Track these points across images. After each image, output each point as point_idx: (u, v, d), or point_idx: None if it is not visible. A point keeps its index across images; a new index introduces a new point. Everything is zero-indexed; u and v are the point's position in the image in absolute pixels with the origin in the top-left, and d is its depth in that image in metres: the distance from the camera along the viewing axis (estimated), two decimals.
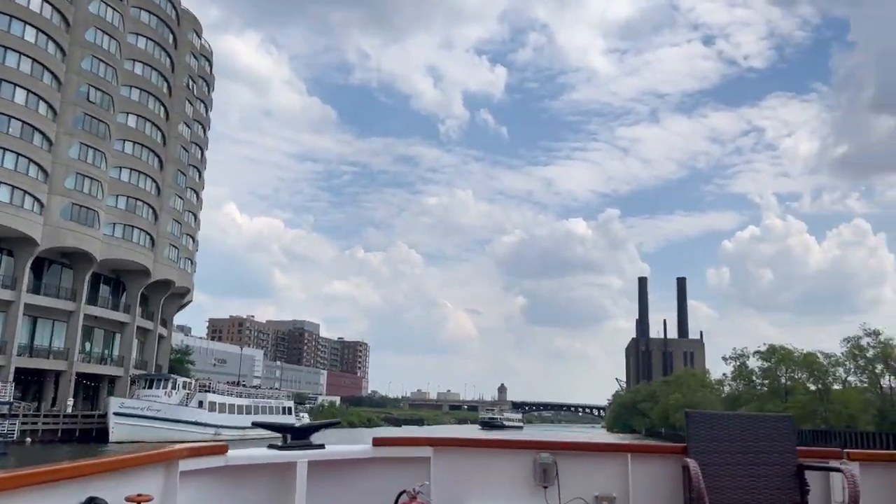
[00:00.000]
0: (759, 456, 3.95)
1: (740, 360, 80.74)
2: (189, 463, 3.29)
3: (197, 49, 79.73)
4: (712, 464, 3.89)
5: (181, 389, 63.32)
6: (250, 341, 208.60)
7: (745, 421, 4.10)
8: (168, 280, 72.40)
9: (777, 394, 71.83)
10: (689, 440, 3.98)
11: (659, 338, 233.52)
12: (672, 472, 4.07)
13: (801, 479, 3.93)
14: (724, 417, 4.11)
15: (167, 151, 71.68)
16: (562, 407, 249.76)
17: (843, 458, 4.06)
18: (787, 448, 3.99)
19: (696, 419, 4.06)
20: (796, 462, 3.97)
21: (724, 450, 3.95)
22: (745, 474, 3.91)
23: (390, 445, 4.09)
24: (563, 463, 4.08)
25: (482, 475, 4.12)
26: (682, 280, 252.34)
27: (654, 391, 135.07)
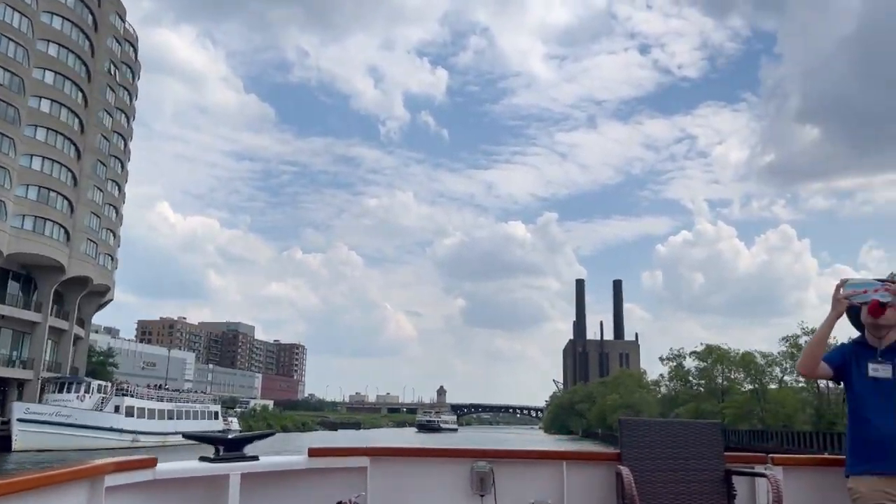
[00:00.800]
0: (689, 462, 4.01)
1: (677, 360, 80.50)
2: (115, 478, 3.06)
3: (120, 33, 75.01)
4: (644, 470, 3.92)
5: (95, 393, 58.95)
6: (182, 343, 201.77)
7: (675, 428, 4.10)
8: (85, 277, 67.62)
9: (714, 394, 71.53)
10: (622, 447, 4.01)
11: (595, 339, 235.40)
12: (606, 478, 4.09)
13: (728, 483, 4.00)
14: (656, 424, 4.14)
15: (85, 140, 66.94)
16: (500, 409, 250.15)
17: (768, 462, 4.10)
18: (715, 454, 4.05)
19: (629, 426, 4.08)
20: (724, 467, 4.03)
21: (655, 456, 3.98)
22: (676, 480, 3.96)
23: (326, 456, 3.99)
24: (500, 471, 4.08)
25: (419, 484, 4.11)
26: (619, 282, 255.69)
27: (592, 392, 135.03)
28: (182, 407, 69.64)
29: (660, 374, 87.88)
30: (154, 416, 63.55)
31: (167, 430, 64.63)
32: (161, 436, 63.16)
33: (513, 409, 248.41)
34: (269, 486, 3.82)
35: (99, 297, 75.12)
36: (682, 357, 79.63)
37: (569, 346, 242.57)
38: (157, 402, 65.47)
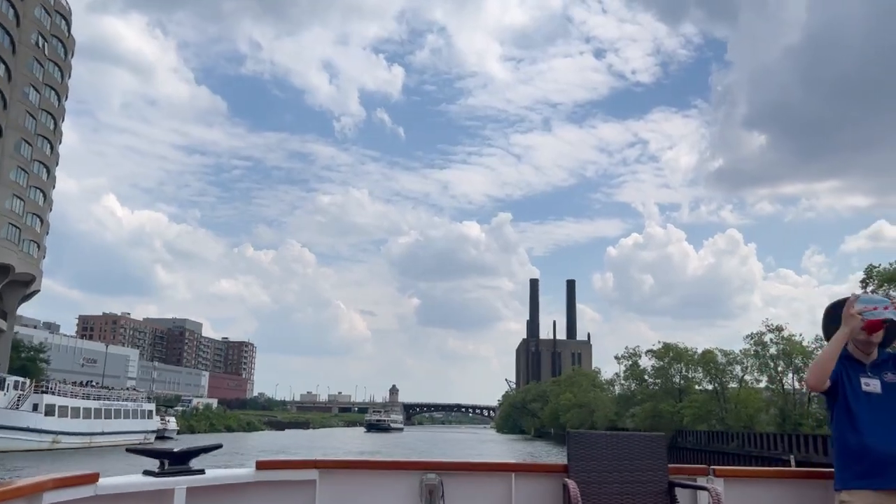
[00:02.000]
0: (634, 474, 4.00)
1: (633, 358, 78.03)
2: (54, 495, 2.92)
3: (50, 4, 69.36)
4: (591, 482, 3.94)
5: (12, 390, 53.57)
6: (125, 340, 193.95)
7: (621, 440, 4.13)
8: (6, 265, 62.02)
9: (671, 393, 69.09)
10: (570, 460, 4.01)
11: (548, 339, 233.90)
12: (554, 490, 4.06)
13: (671, 495, 4.00)
14: (603, 437, 4.15)
15: (7, 116, 61.36)
16: (453, 408, 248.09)
17: (710, 475, 4.10)
18: (660, 466, 4.06)
19: (576, 439, 4.10)
20: (667, 479, 4.03)
21: (602, 469, 4.00)
22: (621, 492, 3.96)
23: (274, 469, 3.90)
24: (449, 483, 4.03)
25: (368, 497, 4.03)
26: (572, 282, 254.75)
27: (545, 391, 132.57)
28: (111, 405, 64.28)
29: (615, 373, 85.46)
30: (78, 415, 58.27)
31: (93, 431, 59.54)
32: (86, 436, 58.03)
33: (465, 409, 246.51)
34: (215, 500, 3.69)
35: (23, 287, 69.28)
36: (638, 356, 77.27)
37: (522, 346, 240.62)
38: (83, 401, 60.09)
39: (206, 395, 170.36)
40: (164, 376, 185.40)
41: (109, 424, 61.97)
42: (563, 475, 3.99)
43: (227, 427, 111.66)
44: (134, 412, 67.90)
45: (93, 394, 63.96)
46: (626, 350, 78.37)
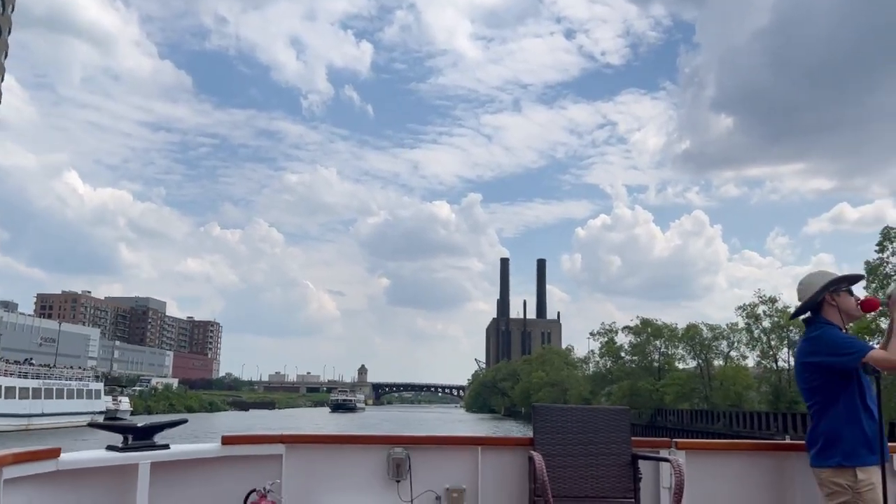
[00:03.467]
0: (598, 447, 4.05)
1: (608, 335, 74.39)
2: (14, 470, 2.93)
3: None
4: (556, 455, 3.98)
5: None
6: (86, 319, 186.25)
7: (586, 413, 4.18)
8: None
9: (650, 371, 65.59)
10: (535, 433, 4.05)
11: (519, 318, 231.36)
12: (519, 463, 4.12)
13: (634, 467, 4.03)
14: (567, 410, 4.19)
15: None
16: (422, 388, 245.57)
17: (672, 447, 4.14)
18: (623, 439, 4.09)
19: (541, 412, 4.15)
20: (630, 452, 4.07)
21: (566, 441, 4.04)
22: (586, 464, 4.01)
23: (240, 444, 3.88)
24: (416, 457, 4.06)
25: (335, 471, 4.05)
26: (542, 262, 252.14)
27: (515, 370, 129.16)
28: (53, 384, 58.65)
29: (590, 351, 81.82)
30: (14, 394, 52.72)
31: (31, 412, 54.10)
32: (23, 419, 52.58)
33: (435, 388, 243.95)
34: (180, 475, 3.68)
35: None
36: (614, 332, 73.66)
37: (492, 325, 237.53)
38: (19, 380, 54.52)
39: (171, 376, 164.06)
40: (126, 356, 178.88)
41: (50, 405, 56.50)
42: (529, 448, 4.06)
43: (188, 407, 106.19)
44: (79, 392, 62.32)
45: (31, 372, 58.36)
46: (602, 326, 74.87)
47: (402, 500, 4.00)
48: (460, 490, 4.06)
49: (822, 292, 3.62)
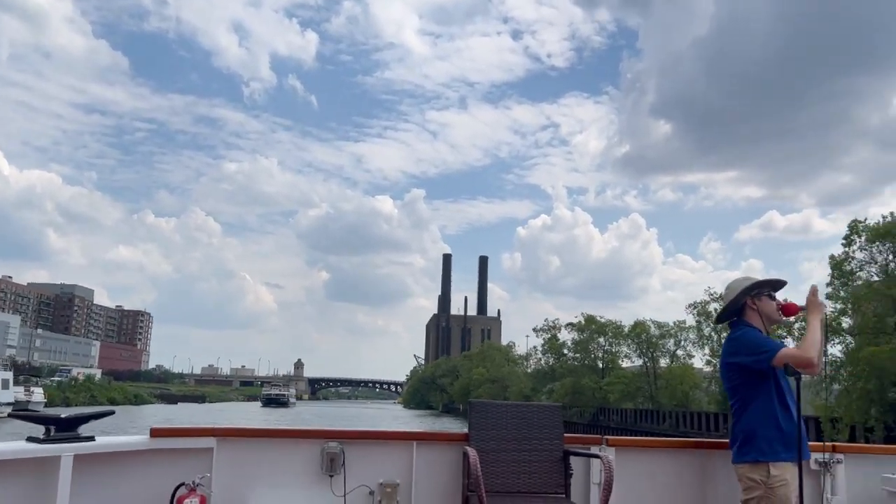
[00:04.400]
0: (532, 443, 4.10)
1: (552, 331, 72.38)
2: None
3: None
4: (490, 450, 4.00)
5: None
6: (6, 306, 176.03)
7: (520, 410, 4.23)
8: None
9: (593, 368, 63.74)
10: (470, 428, 4.07)
11: (459, 314, 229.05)
12: (454, 458, 4.13)
13: (566, 463, 4.10)
14: (503, 406, 4.22)
15: None
16: (359, 383, 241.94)
17: (603, 444, 4.21)
18: (556, 435, 4.16)
19: (477, 408, 4.18)
20: (563, 448, 4.13)
21: (501, 437, 4.08)
22: (518, 460, 4.05)
23: (170, 436, 3.77)
24: (351, 451, 4.03)
25: (268, 465, 3.97)
26: (485, 258, 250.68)
27: (455, 366, 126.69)
28: None
29: (533, 347, 79.69)
30: None
31: None
32: None
33: (372, 384, 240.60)
34: (105, 468, 3.56)
35: None
36: (557, 329, 71.69)
37: (432, 321, 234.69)
38: None
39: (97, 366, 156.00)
40: (49, 345, 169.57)
41: None
42: (464, 443, 4.06)
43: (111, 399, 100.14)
44: None
45: None
46: (546, 323, 72.72)
47: (335, 494, 3.98)
48: (394, 485, 4.04)
49: (743, 296, 3.77)
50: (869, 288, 29.17)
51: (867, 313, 29.26)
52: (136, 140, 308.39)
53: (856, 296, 29.17)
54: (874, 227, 28.53)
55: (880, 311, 28.96)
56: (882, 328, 29.08)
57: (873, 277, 29.69)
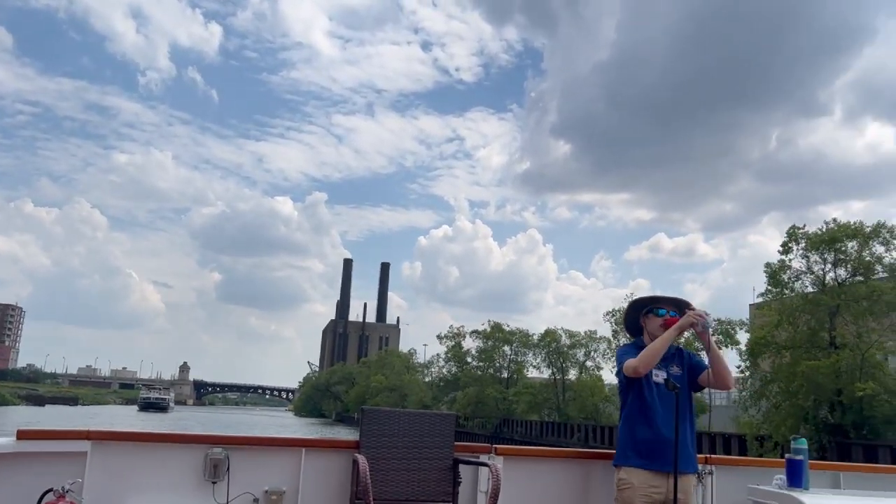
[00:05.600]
0: (423, 451, 4.07)
1: (456, 339, 69.30)
2: None
3: None
4: (381, 458, 3.95)
5: None
6: None
7: (413, 418, 4.18)
8: None
9: (498, 378, 61.08)
10: (362, 436, 4.00)
11: (357, 321, 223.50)
12: (343, 466, 4.05)
13: (455, 471, 4.11)
14: (395, 414, 4.17)
15: None
16: (249, 389, 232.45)
17: (492, 452, 4.26)
18: (447, 444, 4.15)
19: (369, 415, 4.12)
20: (452, 456, 4.13)
21: (392, 445, 4.02)
22: (409, 468, 4.02)
23: (39, 439, 3.54)
24: (236, 457, 3.86)
25: (147, 471, 3.74)
26: (387, 265, 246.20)
27: (352, 373, 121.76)
28: None
29: (435, 355, 76.36)
30: None
31: None
32: None
33: (263, 391, 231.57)
34: None
35: None
36: (462, 336, 68.68)
37: (329, 327, 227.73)
38: None
39: None
40: None
41: None
42: (355, 451, 3.98)
43: None
44: None
45: None
46: (450, 330, 69.53)
47: (217, 501, 3.79)
48: (279, 492, 3.92)
49: (627, 318, 4.09)
50: (804, 300, 27.48)
51: (801, 326, 27.57)
52: (18, 123, 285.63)
53: (790, 308, 27.42)
54: (815, 235, 26.87)
55: (814, 324, 27.31)
56: (816, 342, 27.43)
57: (808, 288, 28.08)
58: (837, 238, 25.98)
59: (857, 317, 25.89)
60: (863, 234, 25.86)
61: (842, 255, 26.44)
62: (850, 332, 26.27)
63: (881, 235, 25.55)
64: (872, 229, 25.72)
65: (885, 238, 25.49)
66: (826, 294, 26.75)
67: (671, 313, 3.84)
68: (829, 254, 26.86)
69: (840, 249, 26.36)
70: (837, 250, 26.26)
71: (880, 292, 24.08)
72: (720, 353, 3.84)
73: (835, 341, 26.86)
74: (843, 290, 26.25)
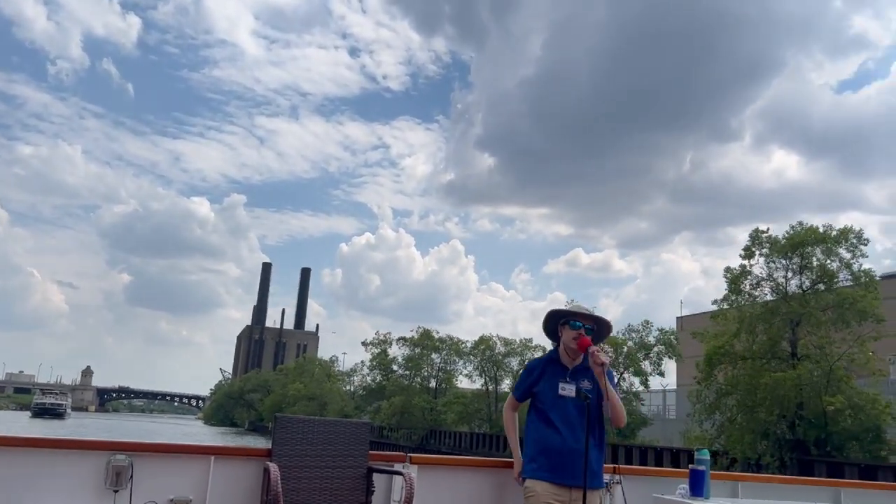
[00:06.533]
0: (336, 459, 3.99)
1: (382, 346, 66.11)
2: None
3: None
4: (293, 466, 3.85)
5: None
6: None
7: (327, 426, 4.08)
8: None
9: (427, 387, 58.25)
10: (274, 443, 3.90)
11: (275, 327, 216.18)
12: (254, 474, 3.92)
13: (368, 480, 4.03)
14: (309, 422, 4.06)
15: None
16: (157, 396, 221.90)
17: (407, 461, 4.19)
18: (361, 452, 4.08)
19: (282, 423, 3.99)
20: (367, 465, 4.07)
21: (305, 453, 3.93)
22: (321, 477, 3.92)
23: None
24: (141, 465, 3.68)
25: (42, 479, 3.50)
26: (307, 270, 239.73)
27: (268, 380, 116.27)
28: None
29: (360, 362, 72.85)
30: None
31: None
32: None
33: (171, 397, 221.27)
34: None
35: None
36: (388, 343, 65.55)
37: (244, 333, 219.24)
38: None
39: None
40: None
41: None
42: (266, 459, 3.86)
43: None
44: None
45: None
46: (377, 336, 66.27)
47: None
48: (186, 501, 3.77)
49: (548, 325, 4.14)
50: (764, 307, 25.92)
51: (760, 336, 25.97)
52: None
53: (750, 316, 25.79)
54: (782, 240, 25.27)
55: (774, 333, 25.75)
56: (776, 353, 25.87)
57: (767, 296, 26.55)
58: (806, 242, 24.49)
59: (819, 327, 24.46)
60: (830, 238, 24.47)
61: (807, 260, 25.00)
62: (812, 343, 24.81)
63: (848, 241, 24.20)
64: (840, 233, 24.36)
65: (851, 244, 24.15)
66: (789, 302, 25.24)
67: (586, 327, 3.93)
68: (793, 259, 25.38)
69: (806, 254, 24.92)
70: (802, 256, 24.80)
71: (852, 300, 22.61)
72: (614, 394, 3.89)
73: (796, 352, 25.37)
74: (808, 298, 24.80)
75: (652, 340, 38.17)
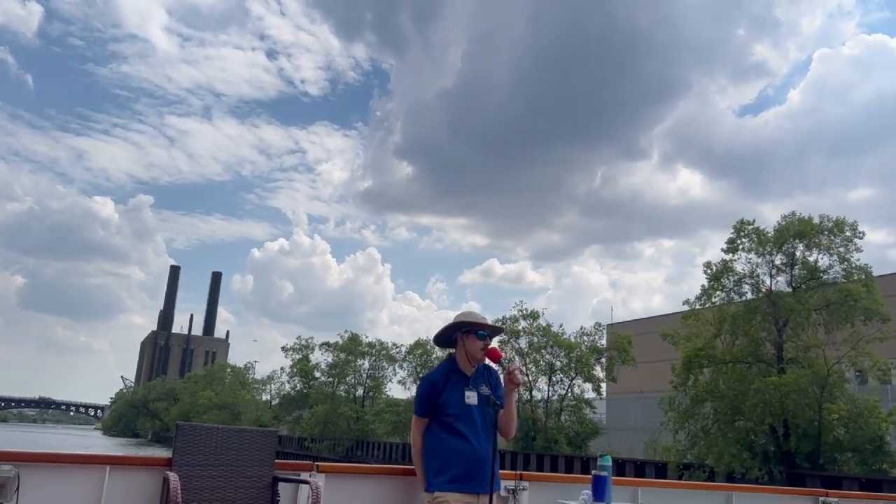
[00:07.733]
0: (241, 468, 3.86)
1: (304, 351, 61.44)
2: None
3: None
4: (196, 476, 3.71)
5: None
6: None
7: (232, 434, 3.94)
8: None
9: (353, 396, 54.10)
10: (175, 452, 3.72)
11: (182, 333, 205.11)
12: (153, 484, 3.71)
13: (273, 489, 3.92)
14: (212, 430, 3.90)
15: None
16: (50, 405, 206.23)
17: (314, 470, 4.08)
18: (267, 460, 3.96)
19: (184, 431, 3.82)
20: (272, 474, 3.96)
21: (208, 462, 3.78)
22: (225, 486, 3.79)
23: None
24: (29, 476, 3.40)
25: None
26: (218, 275, 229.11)
27: (174, 388, 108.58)
28: None
29: (279, 369, 67.72)
30: None
31: None
32: None
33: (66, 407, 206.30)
34: None
35: None
36: (310, 348, 60.97)
37: (149, 339, 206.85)
38: None
39: None
40: None
41: None
42: (166, 468, 3.70)
43: None
44: None
45: None
46: (298, 341, 61.55)
47: None
48: None
49: (454, 331, 3.87)
50: (746, 307, 23.55)
51: (741, 338, 23.58)
52: None
53: (733, 316, 23.37)
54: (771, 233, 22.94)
55: (755, 334, 23.41)
56: (759, 356, 23.49)
57: (748, 294, 24.22)
58: (800, 233, 22.18)
59: (808, 328, 22.24)
60: (826, 229, 22.22)
61: (795, 255, 22.76)
62: (799, 346, 22.56)
63: (843, 232, 22.05)
64: (835, 224, 22.19)
65: (847, 237, 22.03)
66: (775, 301, 22.94)
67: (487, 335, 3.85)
68: (781, 250, 23.10)
69: (795, 248, 22.69)
70: (792, 250, 22.54)
71: (854, 297, 20.35)
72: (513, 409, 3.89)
73: (782, 355, 23.05)
74: (798, 296, 22.52)
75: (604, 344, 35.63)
